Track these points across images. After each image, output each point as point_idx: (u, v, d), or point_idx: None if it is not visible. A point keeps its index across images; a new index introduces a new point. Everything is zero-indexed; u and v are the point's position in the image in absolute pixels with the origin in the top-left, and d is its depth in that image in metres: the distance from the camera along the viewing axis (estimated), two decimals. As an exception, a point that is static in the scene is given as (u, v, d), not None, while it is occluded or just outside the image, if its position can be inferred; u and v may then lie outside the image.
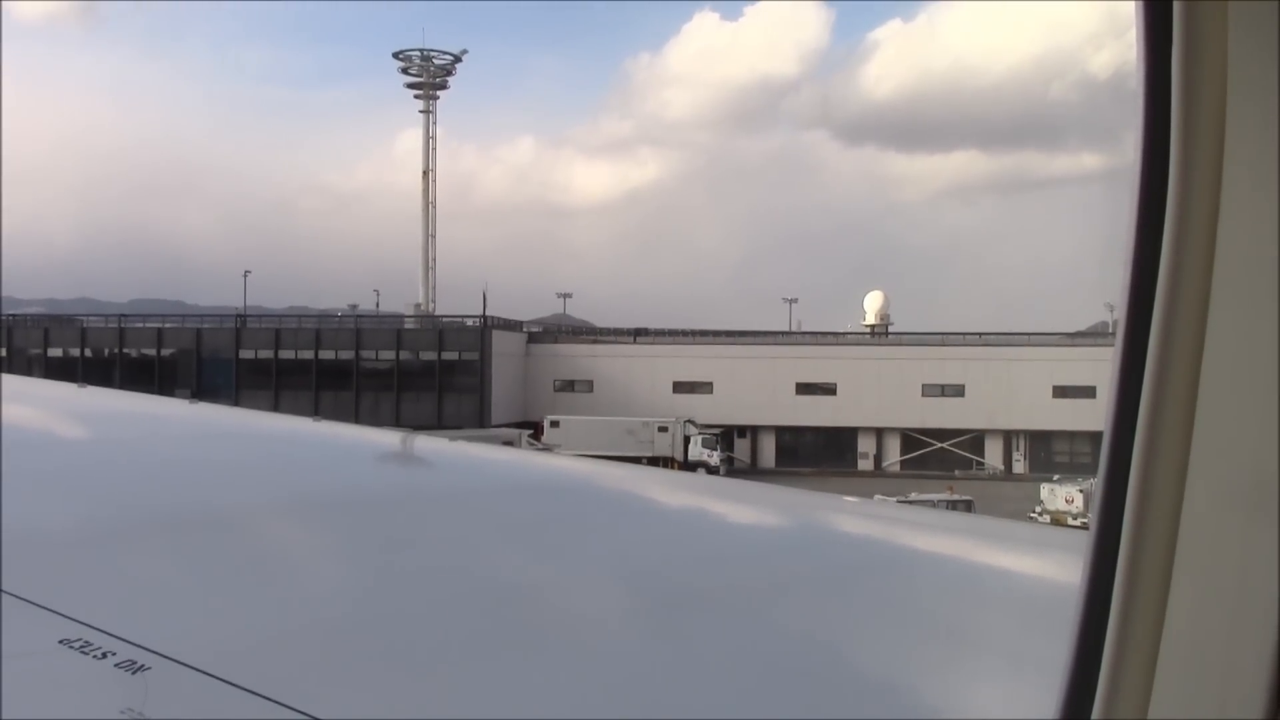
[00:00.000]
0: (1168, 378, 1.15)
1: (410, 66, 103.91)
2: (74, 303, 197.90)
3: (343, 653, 2.43)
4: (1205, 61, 1.12)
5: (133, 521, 3.72)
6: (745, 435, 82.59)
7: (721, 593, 3.12)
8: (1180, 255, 1.14)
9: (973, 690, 2.45)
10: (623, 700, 2.25)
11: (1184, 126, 1.14)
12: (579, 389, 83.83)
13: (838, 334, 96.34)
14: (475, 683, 2.25)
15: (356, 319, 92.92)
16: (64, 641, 2.26)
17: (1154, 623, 1.16)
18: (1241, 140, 1.11)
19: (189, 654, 2.22)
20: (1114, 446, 1.19)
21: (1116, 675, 1.18)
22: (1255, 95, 1.10)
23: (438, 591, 3.07)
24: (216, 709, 2.03)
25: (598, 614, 2.98)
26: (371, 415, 70.29)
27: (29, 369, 72.67)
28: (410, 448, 6.43)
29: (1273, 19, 1.09)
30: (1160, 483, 1.15)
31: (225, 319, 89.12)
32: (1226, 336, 1.12)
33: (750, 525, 4.76)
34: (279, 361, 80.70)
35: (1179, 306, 1.14)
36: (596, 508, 4.77)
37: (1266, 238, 1.09)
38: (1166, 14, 1.14)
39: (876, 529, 4.64)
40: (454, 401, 78.34)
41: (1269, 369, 1.08)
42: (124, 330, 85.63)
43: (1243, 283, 1.11)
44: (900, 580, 3.52)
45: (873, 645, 2.78)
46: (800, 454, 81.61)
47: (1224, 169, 1.12)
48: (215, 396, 58.97)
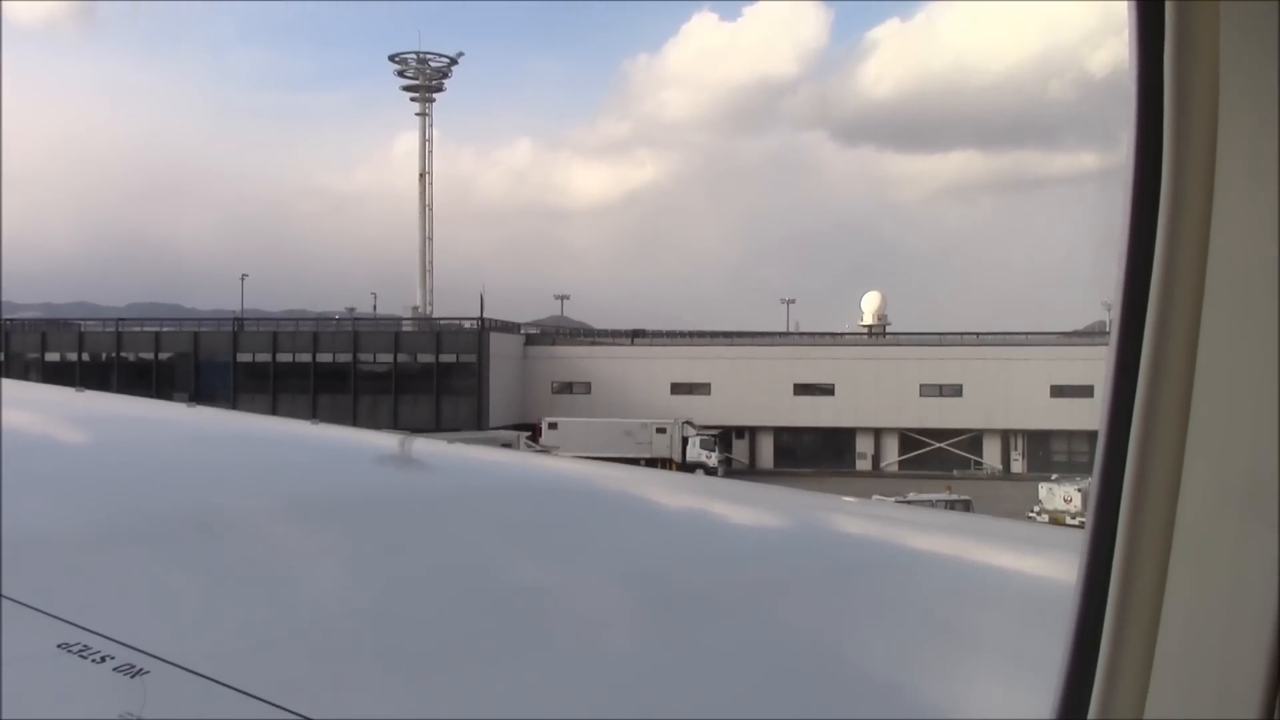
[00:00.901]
0: (1162, 377, 1.14)
1: (406, 69, 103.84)
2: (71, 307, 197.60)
3: (342, 656, 2.43)
4: (1198, 61, 1.12)
5: (131, 525, 3.72)
6: (743, 436, 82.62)
7: (720, 594, 3.12)
8: (1174, 254, 1.14)
9: (970, 690, 2.45)
10: (622, 701, 2.25)
11: (1177, 126, 1.13)
12: (577, 391, 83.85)
13: (835, 334, 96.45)
14: (474, 685, 2.25)
15: (354, 322, 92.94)
16: (63, 645, 2.26)
17: (1150, 622, 1.15)
18: (1234, 140, 1.11)
19: (187, 658, 2.22)
20: (1109, 446, 1.19)
21: (1113, 675, 1.17)
22: (1248, 95, 1.10)
23: (436, 594, 3.07)
24: (215, 712, 2.03)
25: (596, 615, 2.98)
26: (369, 418, 70.35)
27: (26, 373, 72.66)
28: (408, 450, 6.42)
29: (1264, 19, 1.09)
30: (1156, 482, 1.15)
31: (223, 322, 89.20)
32: (1220, 335, 1.12)
33: (749, 526, 4.77)
34: (277, 365, 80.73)
35: (1173, 306, 1.14)
36: (595, 509, 4.77)
37: (1260, 237, 1.09)
38: (1159, 14, 1.14)
39: (875, 529, 4.64)
40: (452, 404, 78.34)
41: (1263, 367, 1.08)
42: (122, 334, 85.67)
43: (1236, 281, 1.11)
44: (898, 580, 3.52)
45: (871, 645, 2.78)
46: (798, 455, 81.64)
47: (1217, 168, 1.12)
48: (213, 400, 58.89)
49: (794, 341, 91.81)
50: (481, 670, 2.34)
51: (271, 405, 72.67)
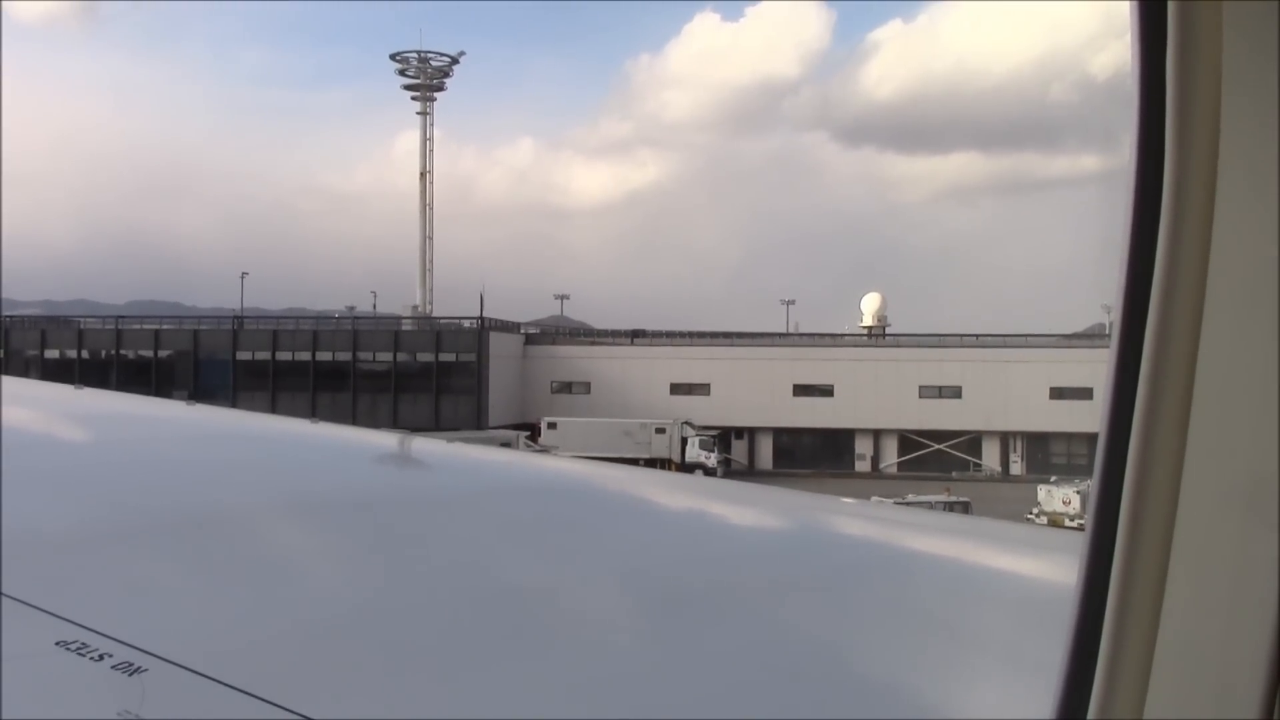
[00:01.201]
0: (1163, 379, 1.14)
1: (407, 68, 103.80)
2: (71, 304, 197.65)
3: (340, 654, 2.43)
4: (1200, 63, 1.12)
5: (130, 523, 3.72)
6: (743, 437, 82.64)
7: (719, 594, 3.12)
8: (1175, 257, 1.14)
9: (969, 691, 2.45)
10: (622, 701, 2.25)
11: (1179, 128, 1.13)
12: (576, 390, 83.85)
13: (835, 335, 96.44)
14: (474, 684, 2.25)
15: (354, 320, 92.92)
16: (61, 643, 2.26)
17: (1149, 623, 1.15)
18: (1236, 141, 1.11)
19: (186, 656, 2.22)
20: (1109, 448, 1.19)
21: (1112, 676, 1.17)
22: (1250, 96, 1.10)
23: (435, 593, 3.07)
24: (213, 711, 2.03)
25: (595, 616, 2.98)
26: (369, 417, 70.27)
27: (26, 370, 72.67)
28: (407, 449, 6.42)
29: (1267, 20, 1.09)
30: (1156, 484, 1.15)
31: (223, 320, 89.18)
32: (1222, 337, 1.12)
33: (748, 527, 4.77)
34: (276, 363, 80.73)
35: (1174, 308, 1.14)
36: (594, 509, 4.77)
37: (1262, 239, 1.09)
38: (1161, 15, 1.14)
39: (874, 530, 4.64)
40: (451, 403, 78.35)
41: (1264, 370, 1.08)
42: (121, 332, 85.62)
43: (1238, 283, 1.11)
44: (897, 581, 3.52)
45: (869, 646, 2.78)
46: (797, 455, 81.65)
47: (1219, 170, 1.12)
48: (212, 398, 58.90)
49: (793, 342, 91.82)
50: (481, 670, 2.34)
51: (271, 404, 72.64)
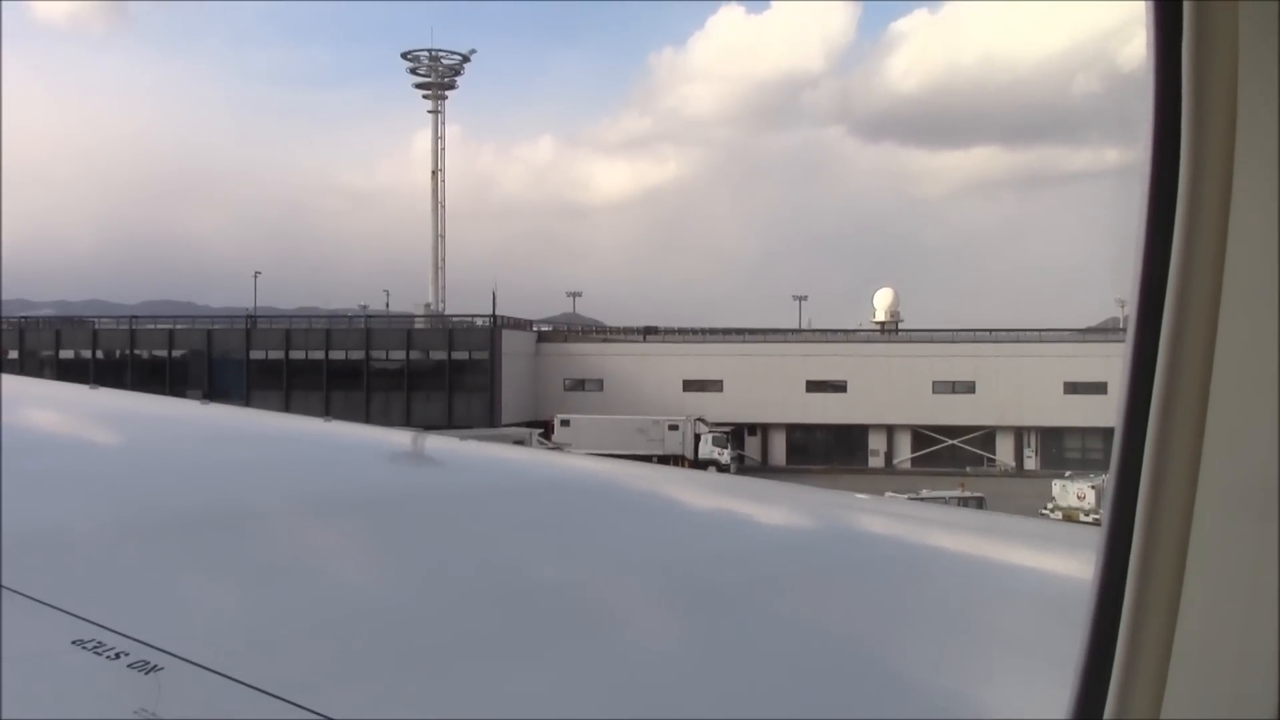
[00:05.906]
0: (1179, 375, 1.14)
1: (419, 67, 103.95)
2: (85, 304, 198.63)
3: (357, 652, 2.43)
4: (1216, 61, 1.12)
5: (145, 522, 3.73)
6: (756, 433, 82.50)
7: (735, 590, 3.12)
8: (1191, 253, 1.13)
9: (985, 688, 2.44)
10: (642, 697, 2.25)
11: (1195, 125, 1.13)
12: (589, 388, 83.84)
13: (848, 331, 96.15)
14: (492, 681, 2.25)
15: (367, 319, 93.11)
16: (77, 642, 2.27)
17: (1167, 621, 1.15)
18: (1252, 138, 1.11)
19: (202, 654, 2.22)
20: (1125, 444, 1.18)
21: (1129, 674, 1.17)
22: (1266, 94, 1.10)
23: (452, 590, 3.07)
24: (229, 709, 2.03)
25: (613, 612, 2.98)
26: (382, 415, 70.47)
27: (41, 371, 73.06)
28: (421, 447, 6.44)
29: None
30: (1172, 480, 1.14)
31: (236, 320, 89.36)
32: (1238, 333, 1.12)
33: (762, 523, 4.76)
34: (290, 362, 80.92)
35: (1190, 304, 1.14)
36: (608, 506, 4.77)
37: (1277, 236, 1.09)
38: (1177, 13, 1.14)
39: (888, 526, 4.63)
40: (464, 401, 78.43)
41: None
42: (135, 332, 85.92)
43: (1254, 280, 1.11)
44: (912, 577, 3.51)
45: (885, 642, 2.77)
46: (811, 451, 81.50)
47: (1235, 167, 1.12)
48: (226, 397, 59.13)
49: (806, 338, 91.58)
50: (500, 667, 2.33)
51: (285, 402, 72.81)
